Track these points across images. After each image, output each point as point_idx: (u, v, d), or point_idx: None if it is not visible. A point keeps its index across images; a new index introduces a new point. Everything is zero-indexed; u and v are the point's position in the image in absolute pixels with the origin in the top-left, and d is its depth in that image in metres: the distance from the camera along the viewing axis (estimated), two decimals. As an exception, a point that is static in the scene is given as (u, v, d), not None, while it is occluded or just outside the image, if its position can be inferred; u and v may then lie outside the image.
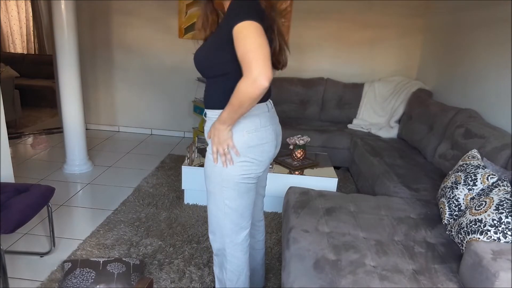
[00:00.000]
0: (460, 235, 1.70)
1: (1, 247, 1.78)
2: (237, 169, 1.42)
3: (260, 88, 1.18)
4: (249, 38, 1.19)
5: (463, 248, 1.66)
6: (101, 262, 1.95)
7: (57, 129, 4.68)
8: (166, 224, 2.59)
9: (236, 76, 1.29)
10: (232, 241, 1.54)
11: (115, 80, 4.63)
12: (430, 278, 1.49)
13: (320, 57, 4.31)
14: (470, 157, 2.05)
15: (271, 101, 1.52)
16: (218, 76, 1.38)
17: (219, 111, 1.38)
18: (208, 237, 2.44)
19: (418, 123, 3.34)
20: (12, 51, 6.68)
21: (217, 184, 1.45)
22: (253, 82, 1.17)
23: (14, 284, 1.96)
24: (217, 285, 1.67)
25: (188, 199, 2.91)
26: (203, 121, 4.30)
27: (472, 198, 1.84)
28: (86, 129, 3.81)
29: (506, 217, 1.55)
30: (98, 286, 1.84)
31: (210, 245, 2.35)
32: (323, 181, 2.73)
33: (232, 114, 1.30)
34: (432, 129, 3.08)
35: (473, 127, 2.56)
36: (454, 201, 1.91)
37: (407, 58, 4.25)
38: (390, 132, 3.71)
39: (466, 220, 1.69)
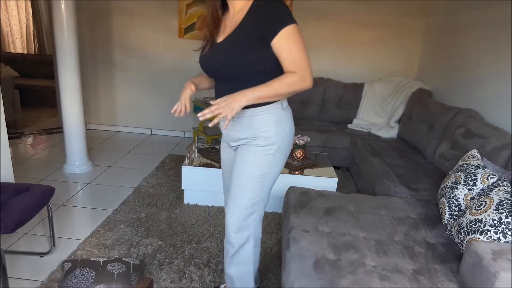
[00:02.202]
0: (460, 235, 1.70)
1: (1, 247, 1.78)
2: (282, 161, 1.52)
3: (306, 88, 1.33)
4: (299, 43, 1.31)
5: (463, 248, 1.66)
6: (101, 262, 1.96)
7: (57, 129, 4.68)
8: (166, 224, 2.59)
9: (269, 76, 1.35)
10: (258, 233, 1.60)
11: (115, 80, 4.63)
12: (430, 278, 1.49)
13: (320, 57, 4.31)
14: (470, 157, 2.05)
15: None
16: (251, 75, 1.38)
17: (258, 112, 1.41)
18: (208, 237, 2.45)
19: (418, 123, 3.34)
20: (12, 51, 6.67)
21: (259, 177, 1.49)
22: (304, 81, 1.31)
23: (14, 284, 1.96)
24: (231, 285, 1.67)
25: (188, 199, 2.91)
26: (203, 121, 4.30)
27: (472, 198, 1.84)
28: (86, 129, 3.81)
29: (506, 217, 1.55)
30: (98, 286, 1.84)
31: (210, 245, 2.35)
32: (323, 181, 2.73)
33: (265, 94, 1.33)
34: (432, 129, 3.08)
35: (473, 127, 2.56)
36: (454, 201, 1.91)
37: (407, 58, 4.25)
38: (390, 132, 3.71)
39: (466, 220, 1.69)
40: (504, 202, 1.60)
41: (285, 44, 1.30)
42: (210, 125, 1.36)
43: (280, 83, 1.32)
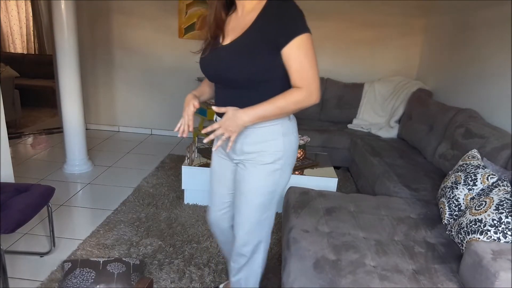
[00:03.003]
0: (460, 235, 1.70)
1: (1, 247, 1.78)
2: (289, 173, 1.45)
3: (312, 104, 1.27)
4: (310, 54, 1.24)
5: (463, 248, 1.66)
6: (101, 262, 1.95)
7: (57, 129, 4.68)
8: (166, 224, 2.59)
9: (278, 83, 1.29)
10: (268, 243, 1.58)
11: (115, 80, 4.63)
12: (430, 278, 1.49)
13: (320, 57, 4.26)
14: (470, 157, 2.05)
15: None
16: (258, 82, 1.30)
17: (266, 123, 1.33)
18: (208, 237, 2.45)
19: (418, 123, 3.34)
20: (12, 51, 6.67)
21: (270, 194, 1.43)
22: (310, 97, 1.25)
23: (14, 284, 1.96)
24: (237, 285, 1.64)
25: (188, 199, 2.91)
26: (203, 121, 4.30)
27: (472, 198, 1.84)
28: (86, 129, 3.81)
29: (506, 217, 1.55)
30: (98, 286, 1.84)
31: (210, 245, 2.35)
32: (323, 181, 2.73)
33: (268, 114, 1.27)
34: (432, 129, 3.08)
35: (473, 127, 2.56)
36: (454, 201, 1.91)
37: (407, 58, 4.25)
38: (390, 132, 3.71)
39: (466, 220, 1.69)
40: (504, 202, 1.60)
41: (296, 54, 1.22)
42: (214, 148, 1.33)
43: (285, 101, 1.25)
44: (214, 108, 1.34)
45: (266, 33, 1.24)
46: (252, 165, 1.39)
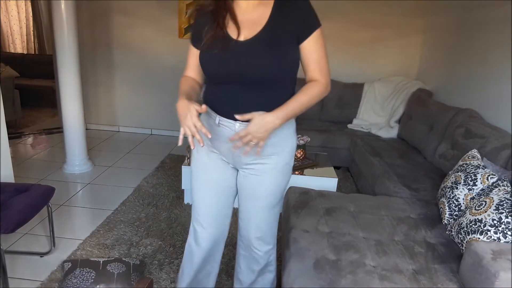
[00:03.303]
0: (460, 235, 1.70)
1: (1, 247, 1.78)
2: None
3: (327, 94, 1.31)
4: (324, 48, 1.29)
5: (463, 248, 1.66)
6: (101, 262, 1.95)
7: (57, 129, 4.68)
8: (166, 224, 2.59)
9: (290, 82, 1.31)
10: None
11: (115, 80, 4.63)
12: (430, 278, 1.49)
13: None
14: (470, 157, 2.05)
15: None
16: (280, 79, 1.27)
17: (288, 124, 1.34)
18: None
19: (418, 123, 3.34)
20: (12, 51, 6.67)
21: (283, 191, 1.48)
22: (326, 89, 1.30)
23: (14, 284, 1.96)
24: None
25: (188, 199, 2.90)
26: (203, 121, 4.28)
27: (472, 198, 1.84)
28: (86, 129, 3.80)
29: (506, 217, 1.55)
30: (98, 286, 1.84)
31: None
32: (323, 181, 2.73)
33: (295, 112, 1.28)
34: (432, 129, 3.08)
35: (473, 127, 2.56)
36: (454, 201, 1.91)
37: (407, 58, 4.25)
38: (390, 132, 3.71)
39: (466, 220, 1.69)
40: (504, 202, 1.60)
41: (315, 47, 1.26)
42: (242, 155, 1.30)
43: (307, 96, 1.26)
44: (237, 116, 1.24)
45: (287, 26, 1.25)
46: (270, 168, 1.38)
